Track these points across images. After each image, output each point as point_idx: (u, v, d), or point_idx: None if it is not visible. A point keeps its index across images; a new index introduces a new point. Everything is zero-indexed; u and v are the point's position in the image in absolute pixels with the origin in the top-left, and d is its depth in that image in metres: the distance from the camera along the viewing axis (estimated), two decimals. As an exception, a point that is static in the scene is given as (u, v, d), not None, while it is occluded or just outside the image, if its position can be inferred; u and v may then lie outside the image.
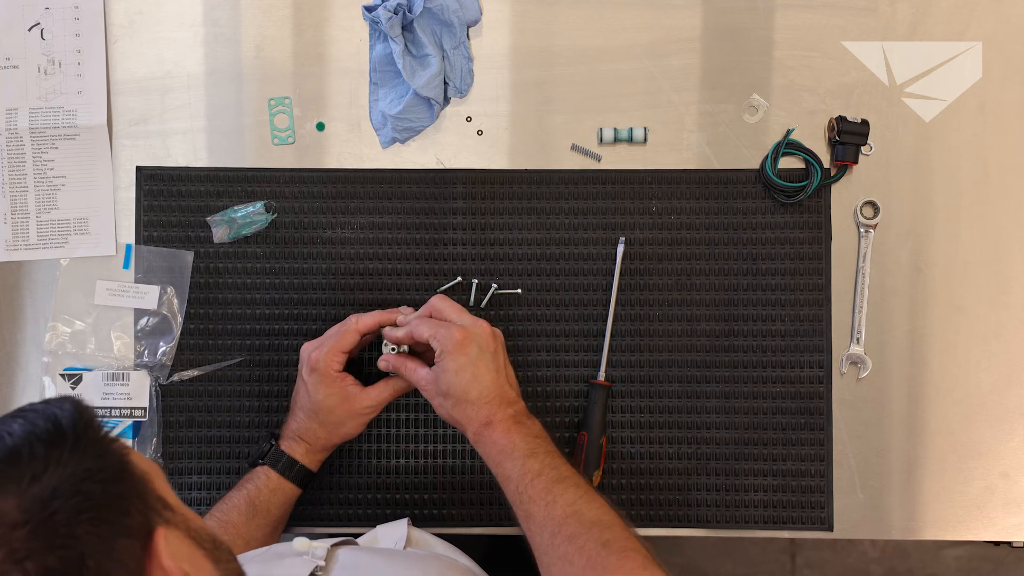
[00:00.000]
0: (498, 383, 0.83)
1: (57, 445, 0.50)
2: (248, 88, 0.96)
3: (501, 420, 0.81)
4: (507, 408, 0.82)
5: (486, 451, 0.82)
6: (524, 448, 0.79)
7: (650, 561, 0.71)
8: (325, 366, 0.86)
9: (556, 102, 0.96)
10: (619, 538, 0.73)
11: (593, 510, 0.75)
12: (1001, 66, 0.95)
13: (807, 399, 0.94)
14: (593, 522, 0.74)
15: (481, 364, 0.82)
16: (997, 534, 0.95)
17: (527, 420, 0.83)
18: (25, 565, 0.45)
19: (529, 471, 0.78)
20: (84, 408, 0.53)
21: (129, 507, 0.50)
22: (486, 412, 0.82)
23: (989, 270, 0.95)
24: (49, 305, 0.95)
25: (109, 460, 0.51)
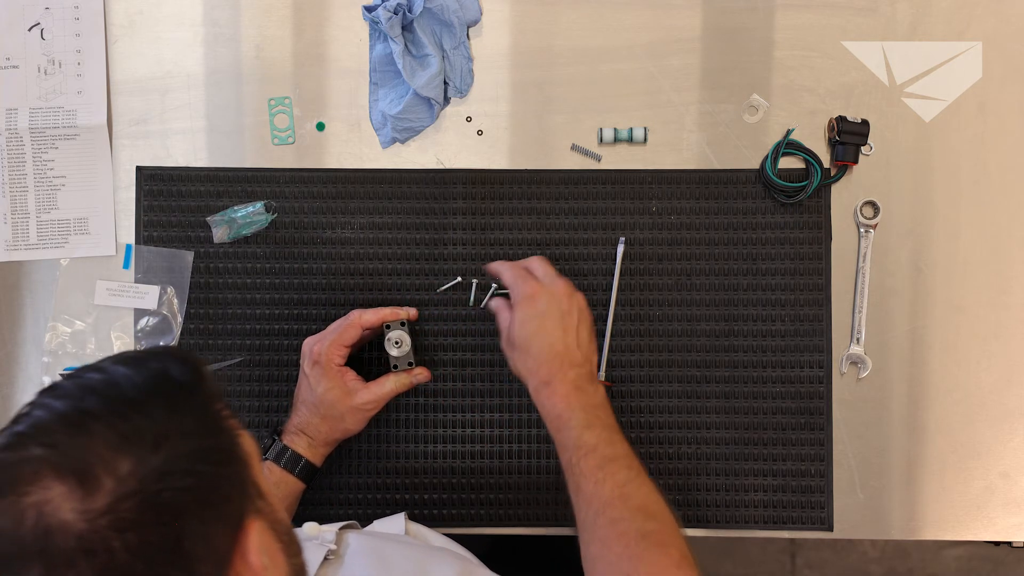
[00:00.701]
0: (564, 342, 0.82)
1: (180, 412, 0.48)
2: (248, 88, 0.96)
3: (561, 382, 0.80)
4: (569, 370, 0.81)
5: (544, 413, 0.81)
6: (582, 419, 0.78)
7: (686, 560, 0.71)
8: (327, 360, 0.86)
9: (556, 102, 0.96)
10: (660, 531, 0.72)
11: (641, 496, 0.75)
12: (1001, 66, 0.95)
13: (807, 399, 0.94)
14: (638, 508, 0.74)
15: (549, 319, 0.82)
16: (997, 534, 0.95)
17: (589, 386, 0.81)
18: (127, 536, 0.44)
19: (584, 444, 0.77)
20: (207, 374, 0.51)
21: (231, 493, 0.49)
22: (547, 370, 0.81)
23: (989, 270, 0.95)
24: (49, 305, 0.95)
25: (223, 439, 0.50)
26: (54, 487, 0.45)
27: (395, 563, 0.71)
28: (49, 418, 0.47)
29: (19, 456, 0.46)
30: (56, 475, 0.45)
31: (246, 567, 0.49)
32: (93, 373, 0.49)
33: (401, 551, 0.74)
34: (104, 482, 0.45)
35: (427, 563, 0.71)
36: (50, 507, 0.44)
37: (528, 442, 0.94)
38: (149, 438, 0.46)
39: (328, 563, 0.71)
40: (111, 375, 0.49)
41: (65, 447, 0.45)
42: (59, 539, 0.44)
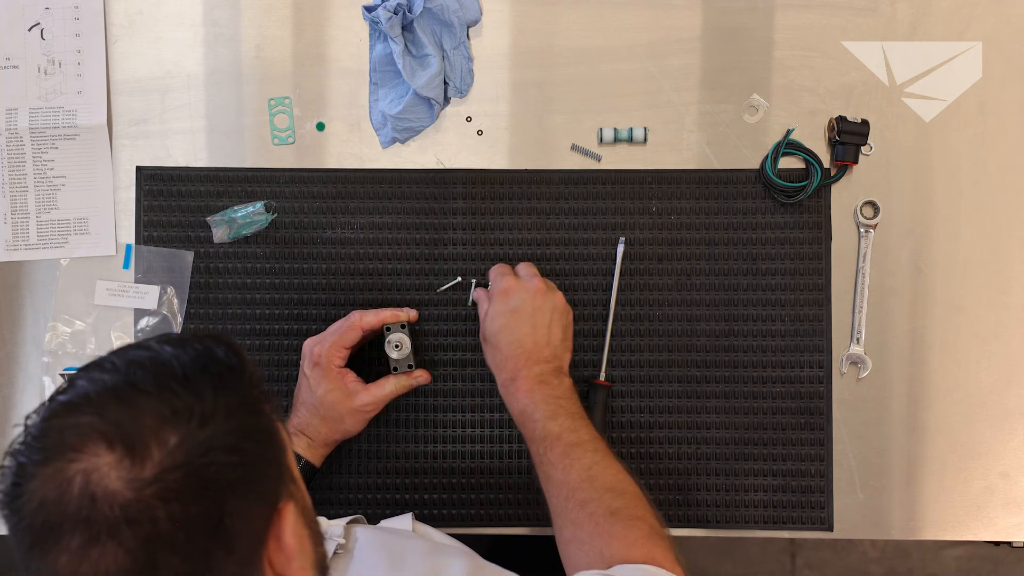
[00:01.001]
0: (533, 338, 0.83)
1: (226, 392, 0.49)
2: (248, 88, 0.96)
3: (525, 378, 0.81)
4: (534, 366, 0.82)
5: (510, 408, 0.83)
6: (545, 411, 0.79)
7: (656, 531, 0.71)
8: (327, 361, 0.86)
9: (556, 102, 0.96)
10: (629, 506, 0.73)
11: (608, 476, 0.75)
12: (1001, 66, 0.95)
13: (807, 399, 0.94)
14: (606, 488, 0.74)
15: (519, 316, 0.83)
16: (997, 534, 0.95)
17: (553, 379, 0.82)
18: (171, 506, 0.45)
19: (549, 435, 0.78)
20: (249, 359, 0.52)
21: (270, 473, 0.50)
22: (512, 367, 0.82)
23: (989, 270, 0.95)
24: (49, 305, 0.95)
25: (264, 420, 0.51)
26: (103, 455, 0.45)
27: (406, 557, 0.71)
28: (97, 389, 0.47)
29: (66, 423, 0.46)
30: (106, 443, 0.45)
31: (279, 548, 0.50)
32: (138, 351, 0.50)
33: (411, 545, 0.74)
34: (153, 452, 0.45)
35: (438, 558, 0.71)
36: (97, 475, 0.45)
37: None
38: (197, 413, 0.47)
39: (337, 557, 0.71)
40: (158, 353, 0.50)
41: (115, 417, 0.46)
42: (104, 507, 0.44)
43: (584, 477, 0.75)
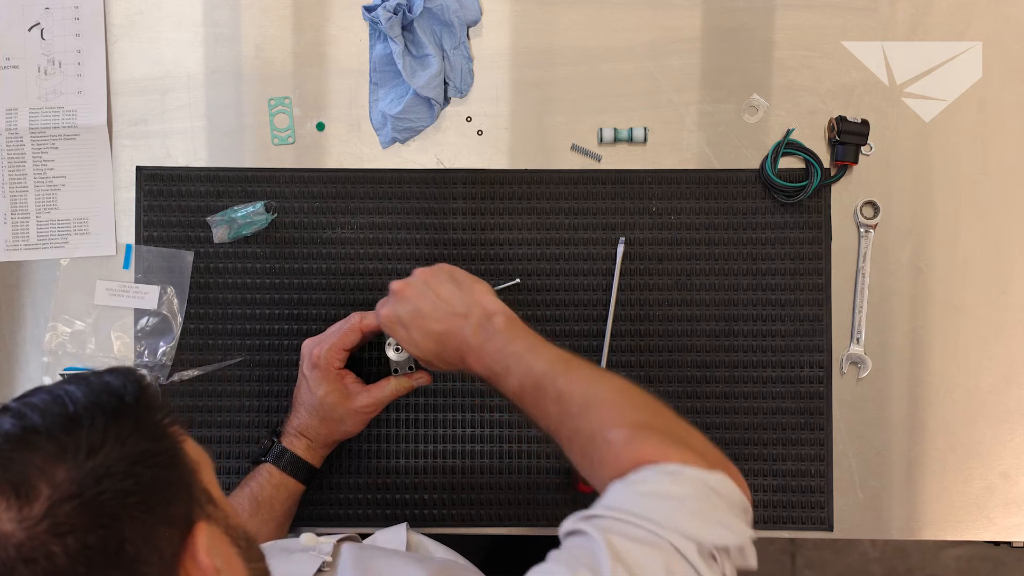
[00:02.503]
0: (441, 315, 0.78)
1: (118, 421, 0.49)
2: (248, 88, 0.96)
3: (467, 350, 0.77)
4: (462, 331, 0.77)
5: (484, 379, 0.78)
6: (498, 370, 0.75)
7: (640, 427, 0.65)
8: (326, 363, 0.86)
9: (556, 102, 0.96)
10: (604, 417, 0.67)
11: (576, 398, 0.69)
12: (1001, 66, 0.95)
13: (807, 399, 0.94)
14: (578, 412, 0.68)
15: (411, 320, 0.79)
16: (997, 534, 0.95)
17: (487, 328, 0.76)
18: (66, 540, 0.45)
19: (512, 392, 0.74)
20: (148, 386, 0.52)
21: (176, 496, 0.50)
22: (452, 349, 0.78)
23: (989, 270, 0.95)
24: (49, 305, 0.95)
25: (165, 444, 0.51)
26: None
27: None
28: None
29: None
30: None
31: (196, 567, 0.50)
32: (42, 394, 0.50)
33: (392, 564, 0.73)
34: (41, 489, 0.45)
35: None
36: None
37: (528, 442, 0.94)
38: (85, 445, 0.47)
39: (322, 574, 0.71)
40: (56, 393, 0.50)
41: (7, 463, 0.46)
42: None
43: (558, 415, 0.70)
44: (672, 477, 0.61)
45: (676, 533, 0.58)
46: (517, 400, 0.74)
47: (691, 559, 0.57)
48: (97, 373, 0.52)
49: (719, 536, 0.59)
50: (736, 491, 0.63)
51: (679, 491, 0.61)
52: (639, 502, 0.60)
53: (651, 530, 0.58)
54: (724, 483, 0.62)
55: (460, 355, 0.78)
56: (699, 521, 0.59)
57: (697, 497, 0.61)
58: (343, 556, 0.72)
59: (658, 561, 0.57)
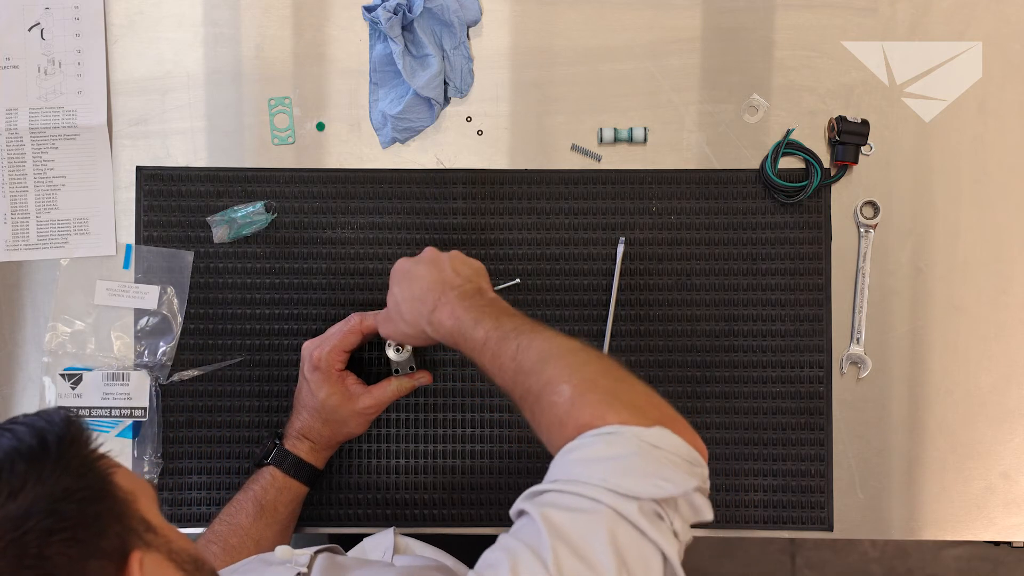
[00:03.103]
0: (439, 273, 0.78)
1: (39, 462, 0.49)
2: (248, 88, 0.96)
3: (443, 303, 0.76)
4: (449, 291, 0.77)
5: (444, 341, 0.77)
6: (469, 322, 0.74)
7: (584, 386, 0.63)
8: (327, 365, 0.86)
9: (556, 102, 0.96)
10: (554, 375, 0.65)
11: (532, 355, 0.68)
12: (1001, 66, 0.95)
13: (807, 399, 0.94)
14: (531, 370, 0.67)
15: (417, 269, 0.80)
16: (997, 534, 0.95)
17: (474, 296, 0.76)
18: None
19: (477, 343, 0.72)
20: (73, 422, 0.52)
21: (106, 528, 0.50)
22: (431, 300, 0.77)
23: (989, 270, 0.95)
24: (49, 305, 0.95)
25: (90, 479, 0.51)
26: None
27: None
28: None
29: None
30: None
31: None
32: None
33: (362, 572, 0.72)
34: None
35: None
36: None
37: (528, 442, 0.94)
38: (6, 489, 0.48)
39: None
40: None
41: None
42: None
43: (513, 370, 0.68)
44: (607, 439, 0.60)
45: (613, 494, 0.56)
46: (478, 355, 0.72)
47: (632, 519, 0.56)
48: (24, 417, 0.52)
49: (659, 489, 0.57)
50: (678, 442, 0.61)
51: (614, 452, 0.59)
52: (575, 469, 0.59)
53: (589, 496, 0.57)
54: (663, 436, 0.60)
55: (432, 306, 0.76)
56: (635, 478, 0.57)
57: (634, 455, 0.59)
58: (316, 566, 0.72)
59: (599, 527, 0.55)
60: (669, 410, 0.64)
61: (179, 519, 0.94)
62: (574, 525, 0.56)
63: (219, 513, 0.86)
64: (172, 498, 0.94)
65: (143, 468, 0.94)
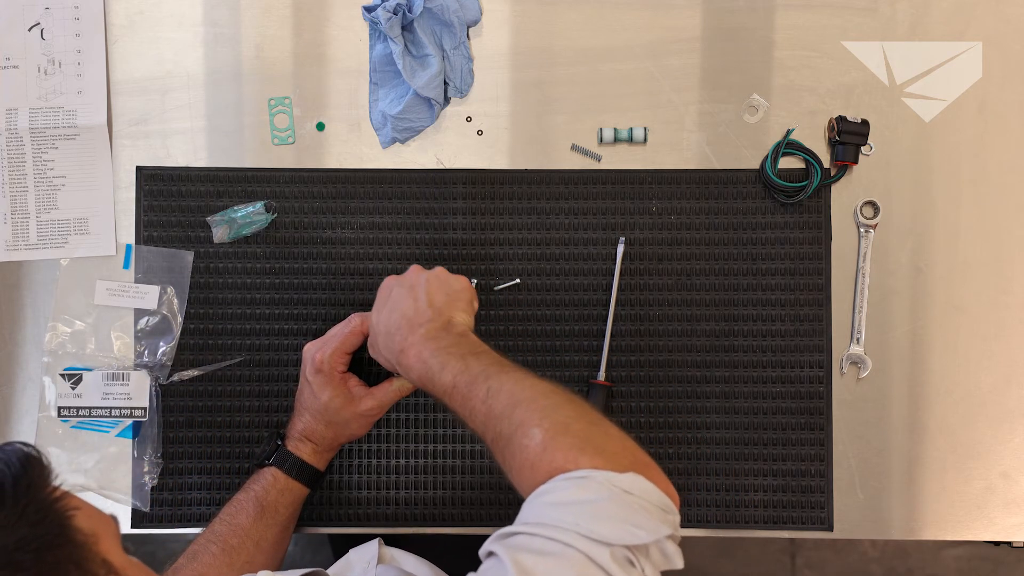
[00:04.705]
0: (413, 307, 0.78)
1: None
2: (248, 88, 0.96)
3: (412, 344, 0.75)
4: (418, 328, 0.76)
5: (413, 381, 0.77)
6: (436, 364, 0.73)
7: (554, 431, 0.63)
8: (329, 367, 0.85)
9: (556, 102, 0.96)
10: (524, 420, 0.65)
11: (503, 398, 0.68)
12: (1001, 66, 0.95)
13: (807, 399, 0.94)
14: (502, 414, 0.67)
15: (392, 300, 0.79)
16: (997, 534, 0.95)
17: (441, 334, 0.76)
18: None
19: (447, 389, 0.72)
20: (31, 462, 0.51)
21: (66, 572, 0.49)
22: (399, 340, 0.77)
23: (989, 270, 0.95)
24: (49, 305, 0.95)
25: (47, 526, 0.50)
26: None
27: None
28: None
29: None
30: None
31: None
32: None
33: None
34: None
35: None
36: None
37: (528, 442, 0.94)
38: None
39: None
40: None
41: None
42: None
43: (484, 414, 0.68)
44: (579, 483, 0.60)
45: (585, 539, 0.56)
46: (447, 397, 0.72)
47: (604, 565, 0.55)
48: None
49: (632, 536, 0.57)
50: (651, 489, 0.61)
51: (586, 496, 0.59)
52: (547, 512, 0.58)
53: (560, 540, 0.56)
54: (635, 483, 0.60)
55: (401, 346, 0.76)
56: (609, 524, 0.57)
57: (606, 500, 0.59)
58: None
59: (570, 572, 0.55)
60: (643, 455, 0.64)
61: (179, 519, 0.94)
62: (545, 569, 0.55)
63: (218, 513, 0.86)
64: (172, 498, 0.94)
65: (143, 468, 0.94)
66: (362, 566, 0.87)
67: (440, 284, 0.80)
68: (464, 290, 0.81)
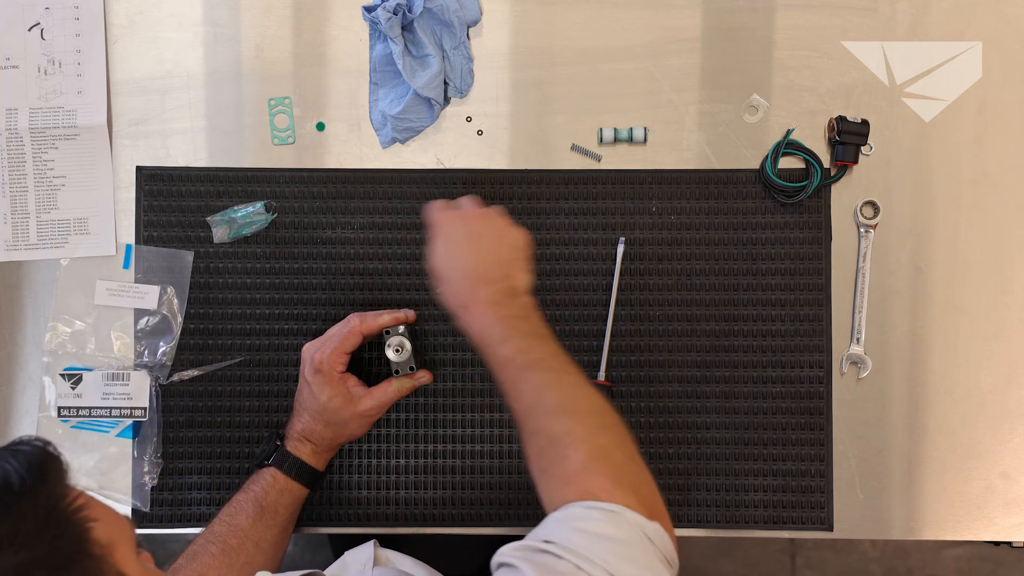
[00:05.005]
0: (478, 261, 0.78)
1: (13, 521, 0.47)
2: (248, 88, 0.96)
3: (476, 302, 0.76)
4: (484, 288, 0.76)
5: (468, 337, 0.77)
6: (498, 334, 0.74)
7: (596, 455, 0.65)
8: (329, 368, 0.85)
9: (556, 102, 0.96)
10: (570, 430, 0.67)
11: (554, 396, 0.69)
12: (1001, 66, 0.95)
13: (807, 399, 0.94)
14: (550, 411, 0.68)
15: (459, 244, 0.79)
16: (997, 534, 0.95)
17: (507, 299, 0.76)
18: None
19: (501, 360, 0.73)
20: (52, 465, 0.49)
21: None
22: (462, 294, 0.77)
23: (989, 270, 0.95)
24: (49, 305, 0.95)
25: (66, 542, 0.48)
26: None
27: None
28: None
29: None
30: None
31: None
32: None
33: None
34: None
35: None
36: None
37: (528, 442, 0.94)
38: None
39: None
40: None
41: None
42: None
43: (531, 403, 0.69)
44: (612, 517, 0.61)
45: (607, 574, 0.58)
46: (498, 370, 0.73)
47: None
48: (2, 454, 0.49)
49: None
50: (669, 543, 0.63)
51: (617, 533, 0.60)
52: (575, 538, 0.60)
53: (588, 572, 0.58)
54: (660, 534, 0.62)
55: (467, 300, 0.77)
56: (634, 568, 0.59)
57: (633, 542, 0.60)
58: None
59: None
60: (662, 504, 0.66)
61: (179, 519, 0.94)
62: None
63: (218, 513, 0.86)
64: (172, 498, 0.94)
65: (143, 468, 0.94)
66: (358, 568, 0.87)
67: (506, 237, 0.80)
68: (524, 247, 0.81)
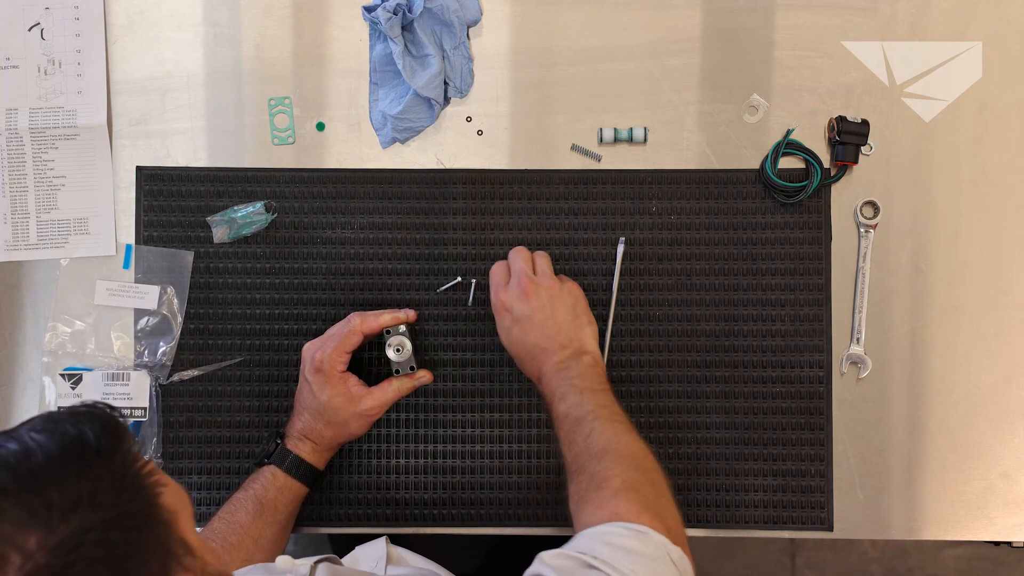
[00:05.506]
0: (544, 334, 0.84)
1: (92, 479, 0.47)
2: (248, 88, 0.96)
3: (547, 373, 0.84)
4: (552, 357, 0.84)
5: (544, 399, 0.85)
6: (558, 395, 0.81)
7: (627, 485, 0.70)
8: (329, 367, 0.86)
9: (556, 102, 0.96)
10: (608, 466, 0.73)
11: (600, 441, 0.76)
12: (1001, 66, 0.95)
13: (807, 399, 0.94)
14: (595, 455, 0.75)
15: (521, 324, 0.85)
16: (997, 534, 0.95)
17: (572, 362, 0.83)
18: None
19: (559, 415, 0.81)
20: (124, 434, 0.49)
21: (150, 555, 0.48)
22: (534, 371, 0.85)
23: (989, 270, 0.95)
24: (49, 305, 0.95)
25: (139, 504, 0.48)
26: None
27: None
28: None
29: None
30: None
31: None
32: (9, 443, 0.48)
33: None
34: (12, 559, 0.43)
35: None
36: None
37: (528, 442, 0.94)
38: (58, 510, 0.45)
39: None
40: (25, 445, 0.47)
41: None
42: None
43: (581, 450, 0.76)
44: (639, 535, 0.66)
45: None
46: (558, 423, 0.81)
47: None
48: (72, 415, 0.49)
49: None
50: (689, 570, 0.67)
51: (648, 551, 0.65)
52: (605, 551, 0.64)
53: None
54: (683, 559, 0.66)
55: (539, 373, 0.85)
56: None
57: (661, 561, 0.65)
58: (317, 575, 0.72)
59: None
60: (685, 537, 0.71)
61: (179, 519, 0.94)
62: None
63: (218, 511, 0.86)
64: (172, 498, 0.94)
65: (143, 468, 0.94)
66: (369, 563, 0.87)
67: (562, 300, 0.86)
68: (577, 302, 0.87)
